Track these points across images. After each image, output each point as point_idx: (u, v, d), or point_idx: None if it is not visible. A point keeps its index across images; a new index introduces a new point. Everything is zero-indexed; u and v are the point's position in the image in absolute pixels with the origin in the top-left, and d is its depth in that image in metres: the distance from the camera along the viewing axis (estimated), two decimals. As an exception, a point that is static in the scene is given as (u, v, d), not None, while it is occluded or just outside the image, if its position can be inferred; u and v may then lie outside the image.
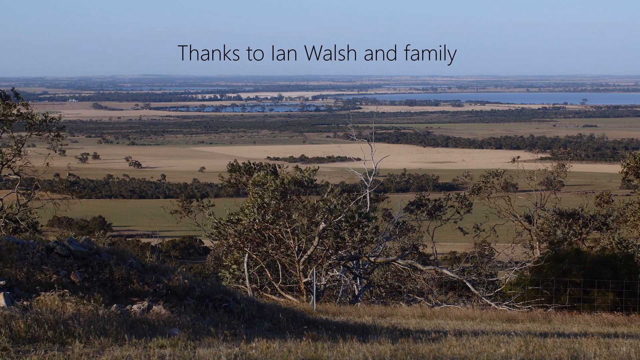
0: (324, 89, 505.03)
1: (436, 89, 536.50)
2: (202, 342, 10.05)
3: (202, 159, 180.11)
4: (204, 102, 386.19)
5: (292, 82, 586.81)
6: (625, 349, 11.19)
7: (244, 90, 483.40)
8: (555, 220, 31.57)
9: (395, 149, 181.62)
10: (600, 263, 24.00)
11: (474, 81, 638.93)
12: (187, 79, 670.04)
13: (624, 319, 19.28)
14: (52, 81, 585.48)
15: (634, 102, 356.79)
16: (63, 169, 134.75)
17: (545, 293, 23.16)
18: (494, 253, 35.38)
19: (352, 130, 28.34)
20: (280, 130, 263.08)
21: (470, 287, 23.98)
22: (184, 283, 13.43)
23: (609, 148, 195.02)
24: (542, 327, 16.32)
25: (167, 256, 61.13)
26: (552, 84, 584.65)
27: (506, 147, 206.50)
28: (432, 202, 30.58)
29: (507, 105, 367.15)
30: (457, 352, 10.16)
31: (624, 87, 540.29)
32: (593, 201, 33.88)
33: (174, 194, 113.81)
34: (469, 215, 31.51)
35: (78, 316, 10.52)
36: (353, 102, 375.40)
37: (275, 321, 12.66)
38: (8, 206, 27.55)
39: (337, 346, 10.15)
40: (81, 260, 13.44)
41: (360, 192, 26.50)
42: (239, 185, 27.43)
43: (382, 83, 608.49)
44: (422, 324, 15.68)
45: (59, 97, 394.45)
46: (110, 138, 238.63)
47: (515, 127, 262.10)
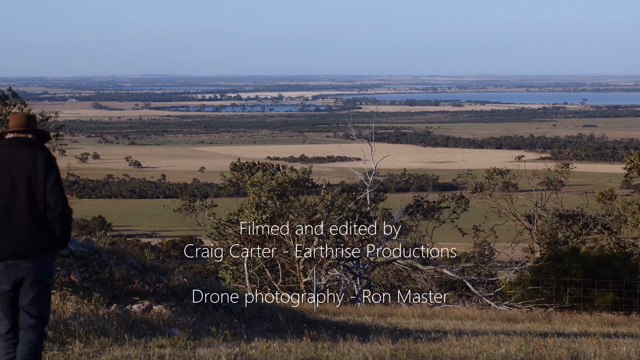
0: (324, 88, 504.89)
1: (436, 89, 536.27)
2: (202, 342, 10.05)
3: (202, 159, 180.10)
4: (204, 102, 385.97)
5: (292, 82, 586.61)
6: (625, 348, 11.19)
7: (244, 90, 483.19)
8: (556, 222, 31.57)
9: (395, 148, 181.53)
10: (601, 263, 24.02)
11: (474, 81, 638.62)
12: (187, 79, 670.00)
13: (624, 318, 19.28)
14: (52, 81, 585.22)
15: (634, 102, 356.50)
16: (63, 169, 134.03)
17: (545, 293, 23.17)
18: (494, 253, 35.40)
19: (352, 130, 28.34)
20: (280, 130, 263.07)
21: (470, 287, 23.99)
22: (184, 283, 13.44)
23: (609, 148, 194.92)
24: (542, 327, 16.32)
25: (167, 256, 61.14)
26: (552, 84, 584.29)
27: (506, 147, 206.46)
28: (428, 204, 30.59)
29: (507, 105, 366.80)
30: (457, 351, 10.16)
31: (624, 87, 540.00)
32: (595, 199, 33.90)
33: (174, 194, 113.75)
34: (469, 215, 31.49)
35: (78, 316, 10.53)
36: (353, 102, 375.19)
37: (275, 321, 12.67)
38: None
39: (337, 346, 10.16)
40: (81, 260, 13.44)
41: (360, 192, 26.51)
42: (240, 184, 27.45)
43: (382, 83, 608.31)
44: (422, 324, 15.68)
45: (59, 97, 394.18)
46: (110, 138, 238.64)
47: (515, 127, 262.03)
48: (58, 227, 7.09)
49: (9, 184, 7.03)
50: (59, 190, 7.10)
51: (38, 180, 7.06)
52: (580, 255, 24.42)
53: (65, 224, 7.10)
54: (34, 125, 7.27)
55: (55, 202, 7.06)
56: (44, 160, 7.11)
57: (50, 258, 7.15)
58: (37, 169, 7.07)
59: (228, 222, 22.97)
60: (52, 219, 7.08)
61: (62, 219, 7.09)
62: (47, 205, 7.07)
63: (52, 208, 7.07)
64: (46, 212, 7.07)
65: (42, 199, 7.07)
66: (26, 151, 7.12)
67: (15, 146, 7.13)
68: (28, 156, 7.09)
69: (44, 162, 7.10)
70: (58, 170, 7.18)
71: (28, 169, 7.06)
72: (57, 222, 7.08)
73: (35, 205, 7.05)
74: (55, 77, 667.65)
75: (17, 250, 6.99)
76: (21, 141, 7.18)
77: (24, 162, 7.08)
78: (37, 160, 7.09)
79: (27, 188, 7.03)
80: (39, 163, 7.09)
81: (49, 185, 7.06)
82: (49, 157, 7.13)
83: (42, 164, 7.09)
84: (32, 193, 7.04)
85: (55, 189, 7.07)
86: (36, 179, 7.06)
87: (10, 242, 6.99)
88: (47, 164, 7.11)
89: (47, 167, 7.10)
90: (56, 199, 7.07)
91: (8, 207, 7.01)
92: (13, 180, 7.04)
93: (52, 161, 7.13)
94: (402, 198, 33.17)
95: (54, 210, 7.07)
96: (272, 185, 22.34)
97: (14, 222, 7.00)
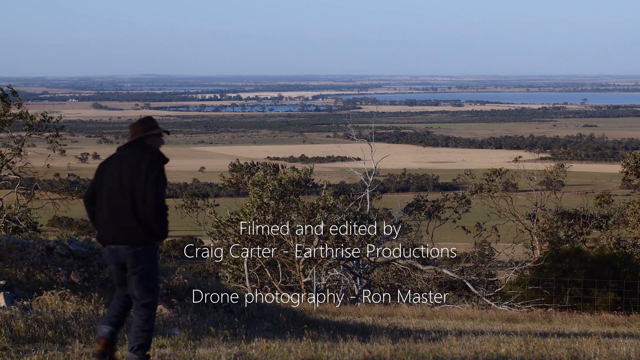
0: (324, 88, 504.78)
1: (436, 88, 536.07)
2: (202, 342, 10.05)
3: (202, 159, 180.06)
4: (204, 102, 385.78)
5: (292, 82, 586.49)
6: (625, 348, 11.19)
7: (244, 90, 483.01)
8: (557, 221, 31.56)
9: (395, 148, 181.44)
10: (601, 263, 24.00)
11: (474, 81, 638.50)
12: (187, 79, 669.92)
13: (624, 318, 19.28)
14: (52, 81, 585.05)
15: (634, 102, 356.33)
16: (63, 169, 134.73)
17: (546, 293, 23.16)
18: (494, 253, 35.39)
19: (352, 130, 28.34)
20: (280, 130, 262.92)
21: (470, 287, 23.98)
22: (184, 283, 13.43)
23: (609, 148, 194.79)
24: (542, 327, 16.31)
25: (167, 256, 61.05)
26: (552, 84, 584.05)
27: (506, 147, 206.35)
28: (431, 203, 30.55)
29: (507, 105, 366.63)
30: (457, 351, 10.15)
31: (624, 87, 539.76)
32: (593, 201, 33.88)
33: (174, 194, 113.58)
34: (469, 215, 31.49)
35: (78, 316, 10.53)
36: (353, 102, 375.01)
37: (275, 321, 12.66)
38: (8, 206, 27.52)
39: (337, 346, 10.15)
40: (81, 260, 13.44)
41: (360, 192, 26.49)
42: (240, 184, 27.45)
43: (382, 83, 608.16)
44: (422, 324, 15.67)
45: (59, 97, 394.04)
46: (111, 138, 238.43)
47: (515, 127, 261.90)
48: (153, 221, 8.11)
49: (117, 181, 8.20)
50: (156, 189, 8.11)
51: (140, 179, 8.13)
52: (581, 256, 24.41)
53: (159, 219, 8.11)
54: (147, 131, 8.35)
55: (151, 199, 8.10)
56: (147, 163, 8.19)
57: (148, 249, 8.21)
58: (140, 169, 8.16)
59: (229, 221, 22.96)
60: (148, 214, 8.11)
61: (157, 214, 8.10)
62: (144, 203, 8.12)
63: (149, 204, 8.10)
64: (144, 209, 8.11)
65: (142, 197, 8.12)
66: (135, 154, 8.25)
67: (127, 150, 8.34)
68: (135, 159, 8.22)
69: (146, 164, 8.18)
70: (160, 172, 8.20)
71: (133, 170, 8.17)
72: (152, 217, 8.11)
73: (136, 201, 8.14)
74: (55, 77, 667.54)
75: (118, 237, 8.20)
76: (133, 146, 8.33)
77: (131, 164, 8.20)
78: (142, 162, 8.19)
79: (130, 187, 8.14)
80: (143, 165, 8.18)
81: (148, 185, 8.11)
82: (152, 161, 8.20)
83: (145, 165, 8.17)
84: (133, 192, 8.14)
85: (153, 188, 8.10)
86: (138, 179, 8.14)
87: (113, 229, 8.21)
88: (149, 166, 8.17)
89: (149, 169, 8.16)
90: (152, 196, 8.09)
91: (115, 201, 8.19)
92: (121, 179, 8.19)
93: (154, 164, 8.18)
94: (402, 198, 33.17)
95: (150, 206, 8.10)
96: (274, 184, 22.32)
97: (118, 214, 8.18)
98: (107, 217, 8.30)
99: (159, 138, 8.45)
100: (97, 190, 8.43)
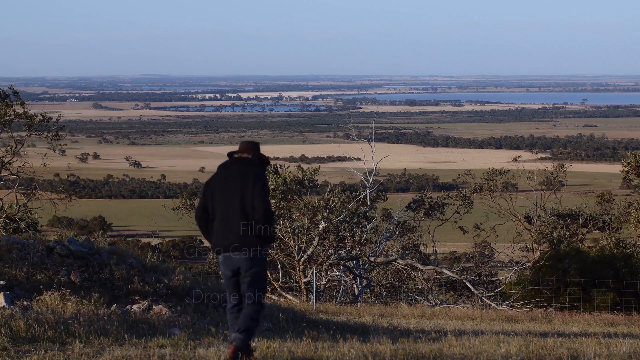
0: (324, 89, 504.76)
1: (436, 89, 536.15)
2: (203, 342, 10.05)
3: (202, 159, 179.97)
4: (204, 102, 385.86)
5: (292, 82, 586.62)
6: (625, 348, 11.19)
7: (244, 90, 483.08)
8: (554, 222, 31.52)
9: (395, 148, 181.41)
10: (601, 263, 24.00)
11: (474, 81, 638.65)
12: (187, 79, 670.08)
13: (624, 318, 19.26)
14: (52, 81, 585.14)
15: (634, 102, 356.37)
16: (63, 169, 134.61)
17: (545, 293, 23.16)
18: (494, 253, 35.38)
19: (352, 130, 28.32)
20: (281, 130, 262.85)
21: (470, 287, 23.97)
22: (184, 283, 13.43)
23: (609, 148, 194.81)
24: (542, 327, 16.30)
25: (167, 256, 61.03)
26: (552, 84, 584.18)
27: (506, 147, 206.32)
28: (433, 200, 30.46)
29: (507, 105, 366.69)
30: (457, 352, 10.15)
31: (624, 87, 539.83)
32: (593, 201, 33.84)
33: (174, 194, 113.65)
34: (469, 215, 31.45)
35: (78, 316, 10.52)
36: (353, 102, 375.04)
37: (275, 321, 12.65)
38: (8, 206, 27.52)
39: (337, 346, 10.15)
40: (81, 260, 13.44)
41: (360, 192, 26.47)
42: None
43: (382, 83, 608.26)
44: (422, 324, 15.66)
45: (59, 97, 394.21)
46: (110, 138, 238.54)
47: (515, 127, 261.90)
48: (262, 224, 8.70)
49: (228, 192, 8.86)
50: (263, 197, 8.74)
51: (247, 189, 8.77)
52: (581, 256, 24.40)
53: (266, 224, 8.70)
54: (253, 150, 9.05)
55: (258, 206, 8.70)
56: (254, 174, 8.85)
57: (259, 252, 8.82)
58: (247, 180, 8.81)
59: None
60: (256, 220, 8.71)
61: (264, 220, 8.69)
62: (253, 209, 8.72)
63: (256, 211, 8.71)
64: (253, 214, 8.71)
65: (250, 204, 8.74)
66: (242, 167, 8.91)
67: (235, 163, 8.98)
68: (243, 171, 8.88)
69: (253, 175, 8.83)
70: (265, 182, 8.86)
71: (241, 180, 8.83)
72: (260, 222, 8.71)
73: (245, 209, 8.76)
74: (55, 77, 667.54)
75: (231, 245, 8.81)
76: (240, 160, 8.99)
77: (239, 176, 8.86)
78: (249, 174, 8.85)
79: (240, 196, 8.78)
80: (249, 176, 8.83)
81: (255, 193, 8.74)
82: (258, 173, 8.86)
83: (251, 176, 8.82)
84: (243, 200, 8.77)
85: (260, 195, 8.73)
86: (246, 189, 8.77)
87: (226, 239, 8.83)
88: (256, 177, 8.82)
89: (255, 179, 8.80)
90: (259, 203, 8.70)
91: (226, 212, 8.83)
92: (231, 190, 8.85)
93: (259, 175, 8.85)
94: (402, 198, 33.15)
95: (257, 212, 8.71)
96: (278, 183, 22.28)
97: (229, 223, 8.81)
98: (219, 228, 8.86)
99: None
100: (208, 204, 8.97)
